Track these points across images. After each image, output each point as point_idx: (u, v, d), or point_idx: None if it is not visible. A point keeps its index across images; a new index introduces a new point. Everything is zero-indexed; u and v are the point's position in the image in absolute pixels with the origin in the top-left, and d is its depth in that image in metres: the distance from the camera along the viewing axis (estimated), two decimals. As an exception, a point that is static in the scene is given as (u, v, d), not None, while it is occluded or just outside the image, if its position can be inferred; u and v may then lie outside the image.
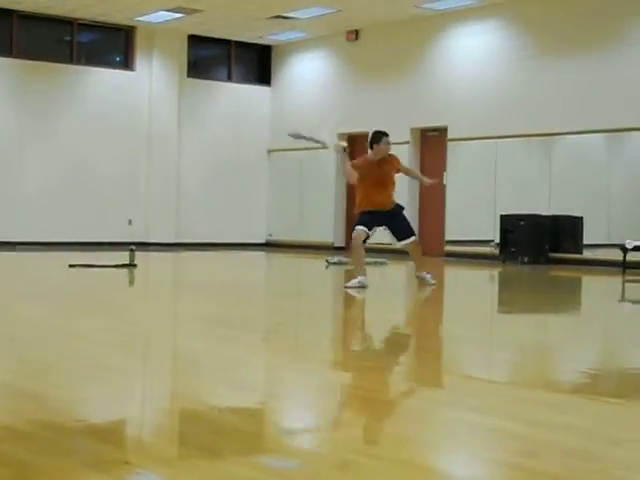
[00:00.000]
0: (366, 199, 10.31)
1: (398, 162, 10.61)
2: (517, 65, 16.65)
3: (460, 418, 4.02)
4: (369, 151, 10.45)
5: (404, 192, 18.34)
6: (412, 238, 10.51)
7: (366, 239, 10.35)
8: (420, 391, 4.74)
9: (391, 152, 10.48)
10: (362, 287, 9.90)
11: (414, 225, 18.35)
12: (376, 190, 10.27)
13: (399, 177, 10.63)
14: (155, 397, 4.47)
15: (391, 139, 10.45)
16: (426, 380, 5.11)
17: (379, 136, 10.40)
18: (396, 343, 6.75)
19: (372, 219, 10.29)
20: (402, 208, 10.57)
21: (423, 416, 4.10)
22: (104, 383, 4.70)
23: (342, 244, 19.46)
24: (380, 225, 10.44)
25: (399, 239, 10.50)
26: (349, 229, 19.58)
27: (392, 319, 8.17)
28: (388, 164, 10.40)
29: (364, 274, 10.08)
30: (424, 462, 3.38)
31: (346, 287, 10.04)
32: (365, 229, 10.22)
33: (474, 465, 3.40)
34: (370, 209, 10.27)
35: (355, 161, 10.60)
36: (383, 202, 10.29)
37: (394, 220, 10.44)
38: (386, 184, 10.35)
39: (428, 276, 10.56)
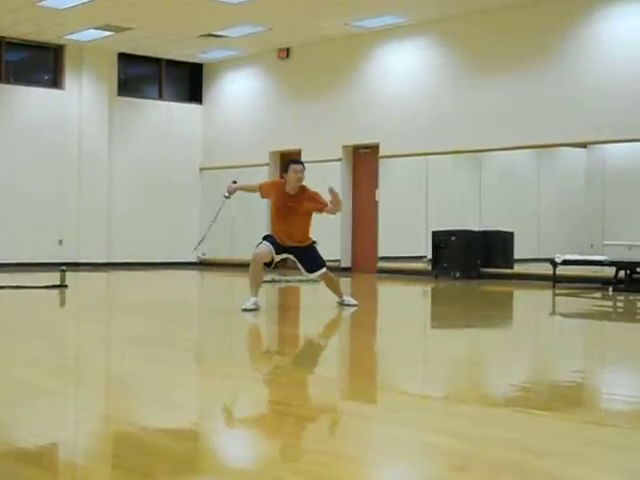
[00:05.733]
0: (274, 229, 9.72)
1: (319, 202, 9.62)
2: (447, 82, 16.82)
3: (392, 433, 4.04)
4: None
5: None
6: (322, 270, 9.70)
7: (270, 263, 9.52)
8: (351, 406, 4.75)
9: (312, 190, 9.66)
10: (256, 309, 9.27)
11: (347, 242, 18.55)
12: (285, 224, 9.60)
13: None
14: (87, 420, 4.43)
15: (301, 167, 9.55)
16: (358, 395, 5.12)
17: (287, 164, 9.70)
18: (328, 359, 6.76)
19: (279, 244, 9.57)
20: (314, 242, 9.74)
21: (354, 432, 4.11)
22: (35, 406, 4.64)
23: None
24: (288, 253, 9.64)
25: (308, 271, 9.68)
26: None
27: (325, 335, 8.18)
28: (305, 202, 9.57)
29: (256, 294, 9.39)
30: (355, 479, 3.39)
31: (244, 309, 9.17)
32: (271, 247, 9.42)
33: (406, 480, 3.42)
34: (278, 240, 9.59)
35: (266, 182, 10.28)
36: (292, 238, 9.59)
37: (304, 253, 9.66)
38: (296, 221, 9.56)
39: (348, 298, 9.98)
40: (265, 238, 9.64)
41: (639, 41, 14.39)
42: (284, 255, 9.66)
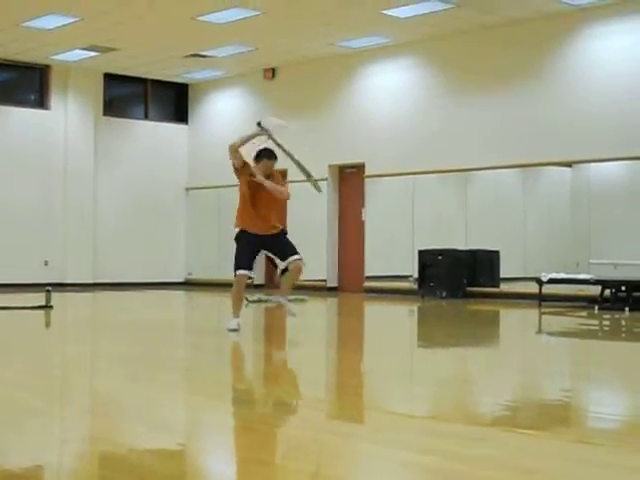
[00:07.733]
0: (247, 216, 9.51)
1: (279, 175, 10.05)
2: (432, 102, 16.88)
3: (377, 453, 4.03)
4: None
5: (323, 229, 18.47)
6: (297, 256, 9.21)
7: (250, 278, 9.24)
8: (337, 426, 4.73)
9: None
10: (239, 329, 9.11)
11: (334, 261, 18.54)
12: (258, 206, 9.53)
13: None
14: (73, 440, 4.40)
15: (273, 163, 10.24)
16: (344, 415, 5.11)
17: (259, 154, 10.27)
18: (315, 378, 6.75)
19: (250, 247, 9.27)
20: (285, 231, 9.54)
21: (339, 451, 4.10)
22: (20, 427, 4.62)
23: (262, 282, 19.41)
24: (262, 249, 9.38)
25: (283, 258, 9.26)
26: (269, 267, 19.57)
27: (311, 355, 8.16)
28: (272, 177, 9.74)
29: (239, 315, 9.22)
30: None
31: (229, 330, 9.10)
32: (246, 273, 9.10)
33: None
34: (249, 232, 9.34)
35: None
36: (265, 220, 9.39)
37: (275, 241, 9.33)
38: (268, 200, 9.54)
39: (291, 306, 9.75)
40: (238, 265, 9.27)
41: (623, 61, 14.47)
42: (261, 252, 9.43)
